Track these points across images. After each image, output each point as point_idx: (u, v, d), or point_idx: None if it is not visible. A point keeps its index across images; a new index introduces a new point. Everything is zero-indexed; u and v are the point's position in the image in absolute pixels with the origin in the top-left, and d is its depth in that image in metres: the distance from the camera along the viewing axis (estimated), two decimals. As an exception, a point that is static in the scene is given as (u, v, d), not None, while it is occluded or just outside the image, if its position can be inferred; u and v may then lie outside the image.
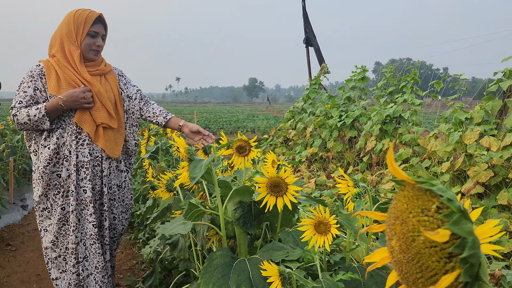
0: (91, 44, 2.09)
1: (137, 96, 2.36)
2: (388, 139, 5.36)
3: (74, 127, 2.06)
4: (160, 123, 2.36)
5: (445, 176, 4.11)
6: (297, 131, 7.74)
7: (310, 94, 7.94)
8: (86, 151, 2.06)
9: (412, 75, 5.54)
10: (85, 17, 2.08)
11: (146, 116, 2.36)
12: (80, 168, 2.07)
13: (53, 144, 2.03)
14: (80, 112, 2.05)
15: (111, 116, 2.14)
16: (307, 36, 9.47)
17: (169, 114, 2.38)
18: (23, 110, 1.99)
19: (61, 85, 2.04)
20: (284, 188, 1.52)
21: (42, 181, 2.04)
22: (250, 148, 1.77)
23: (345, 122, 6.16)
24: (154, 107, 2.39)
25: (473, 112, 4.23)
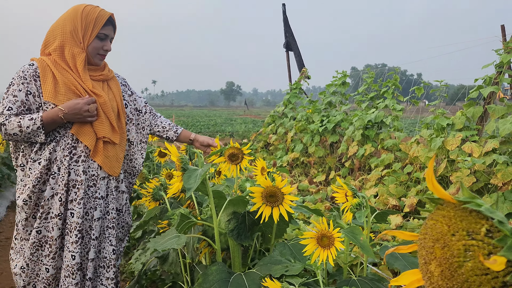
0: (99, 47, 1.86)
1: (147, 110, 2.16)
2: (370, 144, 5.37)
3: (69, 140, 1.80)
4: (170, 138, 2.19)
5: (428, 182, 4.12)
6: (278, 135, 7.71)
7: (290, 98, 7.93)
8: (80, 169, 1.80)
9: (393, 80, 5.58)
10: (95, 16, 1.83)
11: (155, 131, 2.18)
12: (71, 188, 1.80)
13: (44, 160, 1.77)
14: (79, 123, 1.80)
15: (114, 129, 1.90)
16: (287, 41, 9.46)
17: (179, 128, 2.22)
18: (14, 118, 1.71)
19: (59, 91, 1.77)
20: (280, 198, 1.46)
21: (30, 202, 1.77)
22: (242, 156, 1.71)
23: (327, 127, 6.16)
24: (162, 120, 2.21)
25: (455, 118, 4.27)
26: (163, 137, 2.18)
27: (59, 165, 1.78)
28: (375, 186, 4.79)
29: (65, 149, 1.79)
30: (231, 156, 1.71)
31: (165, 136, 2.18)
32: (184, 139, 2.18)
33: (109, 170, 1.88)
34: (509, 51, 4.16)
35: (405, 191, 4.45)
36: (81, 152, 1.81)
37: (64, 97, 1.76)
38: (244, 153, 1.71)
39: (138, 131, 2.10)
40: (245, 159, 1.72)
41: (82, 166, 1.80)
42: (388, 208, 4.24)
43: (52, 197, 1.79)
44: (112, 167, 1.89)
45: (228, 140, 11.65)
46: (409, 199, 4.04)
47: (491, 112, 4.02)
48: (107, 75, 1.96)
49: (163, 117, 2.25)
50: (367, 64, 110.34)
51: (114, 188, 1.93)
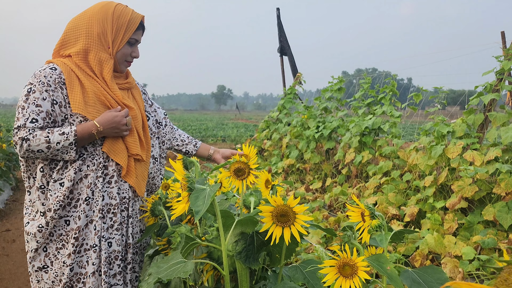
0: (127, 54, 1.68)
1: (167, 122, 1.98)
2: (367, 151, 5.29)
3: (100, 159, 1.61)
4: (189, 153, 2.02)
5: (428, 191, 4.05)
6: (273, 141, 7.61)
7: (285, 104, 7.84)
8: (114, 191, 1.64)
9: (390, 86, 5.52)
10: (128, 18, 1.63)
11: (173, 145, 2.00)
12: (106, 214, 1.63)
13: (68, 180, 1.56)
14: (112, 139, 1.62)
15: (142, 144, 1.73)
16: (281, 45, 9.39)
17: (198, 141, 2.06)
18: (40, 133, 1.48)
19: (88, 101, 1.57)
20: (292, 217, 1.35)
21: (44, 230, 1.56)
22: (249, 171, 1.60)
23: (323, 133, 6.08)
24: (180, 133, 2.05)
25: (455, 126, 4.20)
26: (181, 151, 2.02)
27: (93, 188, 1.59)
28: (374, 194, 4.71)
29: (97, 170, 1.60)
30: (236, 171, 1.60)
31: (184, 150, 2.02)
32: (203, 153, 2.02)
33: (139, 190, 1.72)
34: (509, 57, 4.11)
35: (404, 199, 4.37)
36: (113, 172, 1.64)
37: (93, 109, 1.57)
38: (251, 168, 1.61)
39: (160, 145, 1.93)
40: (252, 174, 1.61)
41: (117, 188, 1.64)
42: (388, 217, 4.16)
43: (87, 225, 1.59)
44: (140, 186, 1.73)
45: (221, 145, 11.57)
46: (410, 208, 3.96)
47: (492, 120, 3.96)
48: (131, 83, 1.78)
49: (180, 129, 2.09)
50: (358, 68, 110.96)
51: (138, 209, 1.80)
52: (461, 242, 3.29)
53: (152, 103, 1.95)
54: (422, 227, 3.81)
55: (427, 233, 3.63)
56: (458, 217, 3.63)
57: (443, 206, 3.86)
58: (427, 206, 4.02)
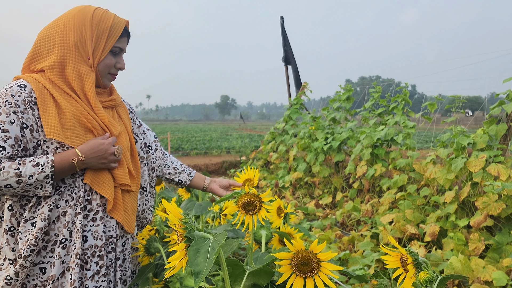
0: (111, 65, 1.44)
1: (157, 146, 1.72)
2: (380, 164, 5.02)
3: (80, 192, 1.35)
4: (183, 183, 1.77)
5: (450, 207, 3.76)
6: (279, 154, 7.35)
7: (291, 114, 7.59)
8: (100, 230, 1.37)
9: (402, 95, 5.25)
10: (110, 23, 1.39)
11: (164, 173, 1.75)
12: (90, 258, 1.35)
13: (42, 220, 1.28)
14: (94, 170, 1.38)
15: (131, 173, 1.49)
16: (285, 54, 9.18)
17: (192, 170, 1.83)
18: (8, 164, 1.23)
19: (66, 124, 1.31)
20: (316, 266, 1.09)
21: (14, 282, 1.29)
22: (260, 205, 1.34)
23: (332, 145, 5.81)
24: (172, 160, 1.80)
25: (476, 137, 3.93)
26: (173, 181, 1.77)
27: (70, 227, 1.32)
28: (389, 210, 4.42)
29: (77, 205, 1.34)
30: (246, 205, 1.34)
31: (176, 180, 1.77)
32: (198, 184, 1.79)
33: (128, 226, 1.46)
34: (532, 63, 3.84)
35: (423, 216, 4.08)
36: (98, 206, 1.38)
37: (72, 133, 1.32)
38: (262, 201, 1.35)
39: (149, 172, 1.67)
40: (264, 208, 1.35)
41: (102, 226, 1.38)
42: (406, 236, 3.87)
43: (63, 274, 1.31)
44: (129, 221, 1.48)
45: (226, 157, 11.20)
46: (431, 227, 3.67)
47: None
48: (117, 100, 1.53)
49: (172, 156, 1.84)
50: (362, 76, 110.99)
51: (130, 248, 1.53)
52: (490, 265, 3.00)
53: (140, 124, 1.70)
54: (444, 247, 3.52)
55: (450, 255, 3.34)
56: (485, 237, 3.34)
57: (466, 225, 3.57)
58: (448, 224, 3.73)
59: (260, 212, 1.32)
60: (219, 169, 9.81)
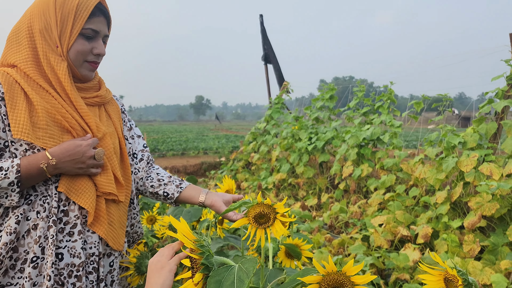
0: (86, 51, 1.23)
1: (144, 156, 1.48)
2: (366, 164, 4.92)
3: (54, 201, 1.16)
4: (169, 196, 1.45)
5: (442, 208, 3.68)
6: (261, 154, 7.19)
7: (273, 114, 7.45)
8: (78, 246, 1.18)
9: (387, 94, 5.18)
10: (76, 3, 1.19)
11: (147, 186, 1.47)
12: (66, 279, 1.15)
13: (8, 233, 1.11)
14: (71, 176, 1.18)
15: (118, 180, 1.29)
16: (265, 53, 9.04)
17: (184, 182, 1.50)
18: None
19: (38, 123, 1.14)
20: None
21: None
22: (275, 217, 1.17)
23: (317, 145, 5.69)
24: (159, 171, 1.52)
25: (466, 136, 3.87)
26: (158, 194, 1.46)
27: (43, 243, 1.13)
28: (378, 211, 4.32)
29: (49, 217, 1.14)
30: (258, 216, 1.17)
31: (161, 193, 1.45)
32: (191, 196, 1.43)
33: (114, 243, 1.26)
34: (521, 61, 3.80)
35: (413, 217, 4.00)
36: (76, 218, 1.18)
37: (44, 133, 1.15)
38: (277, 212, 1.18)
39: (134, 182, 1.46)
40: (279, 220, 1.18)
41: (82, 241, 1.18)
42: (397, 239, 3.77)
43: None
44: (116, 237, 1.27)
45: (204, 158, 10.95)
46: (423, 229, 3.58)
47: (507, 129, 3.63)
48: (105, 97, 1.33)
49: (161, 168, 1.58)
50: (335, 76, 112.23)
51: (118, 265, 1.32)
52: (488, 268, 2.92)
53: (131, 127, 1.48)
54: (438, 249, 3.43)
55: (445, 257, 3.25)
56: (480, 238, 3.26)
57: (460, 225, 3.50)
58: (440, 225, 3.65)
59: (274, 225, 1.15)
60: (198, 171, 9.59)
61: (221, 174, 8.01)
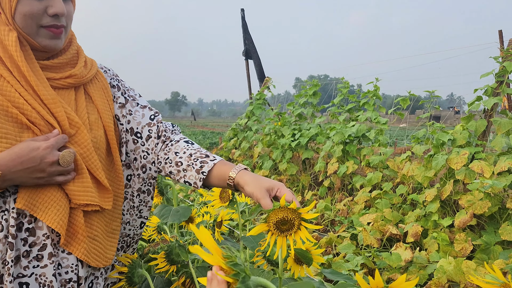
0: (36, 13, 0.94)
1: (152, 132, 1.17)
2: (351, 161, 4.83)
3: (12, 218, 0.91)
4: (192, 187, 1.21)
5: (431, 206, 3.61)
6: (242, 151, 7.04)
7: (254, 110, 7.30)
8: (49, 272, 0.94)
9: (373, 91, 5.10)
10: None
11: (166, 172, 1.16)
12: None
13: None
14: (32, 186, 0.93)
15: (102, 185, 1.04)
16: (246, 48, 8.87)
17: (207, 161, 1.10)
18: None
19: None
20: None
21: None
22: (300, 223, 1.01)
23: (300, 141, 5.57)
24: (181, 148, 1.15)
25: (455, 133, 3.81)
26: (180, 183, 1.14)
27: (1, 270, 0.91)
28: (365, 209, 4.24)
29: (7, 237, 0.91)
30: (280, 223, 1.01)
31: (182, 182, 1.12)
32: (220, 178, 1.07)
33: (99, 260, 1.03)
34: (510, 58, 3.77)
35: (401, 216, 3.92)
36: (46, 238, 0.94)
37: None
38: (302, 218, 1.02)
39: (133, 171, 1.17)
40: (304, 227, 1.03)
41: (53, 266, 0.94)
42: (387, 237, 3.69)
43: None
44: (102, 252, 1.04)
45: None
46: (413, 227, 3.51)
47: (497, 126, 3.59)
48: (82, 75, 1.05)
49: (182, 141, 1.17)
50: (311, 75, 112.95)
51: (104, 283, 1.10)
52: (482, 268, 2.86)
53: (126, 100, 1.18)
54: (428, 248, 3.37)
55: (437, 256, 3.18)
56: (472, 237, 3.21)
57: (450, 224, 3.44)
58: (430, 224, 3.58)
59: (298, 233, 1.00)
60: (176, 167, 9.33)
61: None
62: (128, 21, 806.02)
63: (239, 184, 1.03)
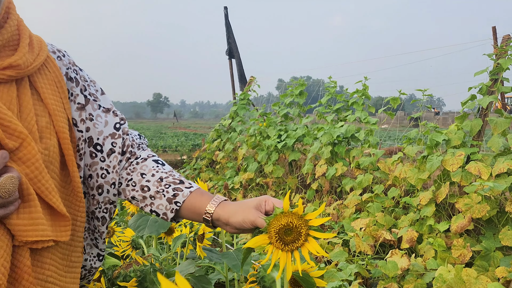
0: None
1: (118, 144, 0.94)
2: (340, 162, 4.65)
3: None
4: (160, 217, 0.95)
5: (426, 210, 3.44)
6: (226, 152, 6.80)
7: (238, 110, 7.07)
8: None
9: (362, 90, 4.93)
10: None
11: (127, 196, 0.95)
12: None
13: None
14: None
15: (56, 212, 0.79)
16: (230, 47, 8.64)
17: (182, 189, 0.93)
18: None
19: None
20: None
21: None
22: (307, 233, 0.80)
23: (287, 142, 5.37)
24: (144, 169, 0.96)
25: (450, 133, 3.66)
26: (144, 210, 0.95)
27: None
28: (356, 213, 4.05)
29: None
30: (283, 232, 0.80)
31: (148, 211, 0.94)
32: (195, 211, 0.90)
33: None
34: (505, 55, 3.64)
35: (394, 220, 3.75)
36: None
37: None
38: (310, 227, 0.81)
39: (87, 191, 0.94)
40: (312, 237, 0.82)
41: None
42: (380, 243, 3.50)
43: None
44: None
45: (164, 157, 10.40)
46: (408, 233, 3.33)
47: (493, 126, 3.45)
48: (26, 65, 0.77)
49: (151, 159, 0.99)
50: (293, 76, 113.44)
51: None
52: (483, 276, 2.68)
53: (87, 101, 0.93)
54: (424, 254, 3.19)
55: (434, 263, 3.01)
56: (470, 243, 3.04)
57: (447, 229, 3.27)
58: (425, 228, 3.41)
59: (306, 245, 0.79)
60: (158, 170, 9.03)
61: (184, 173, 7.55)
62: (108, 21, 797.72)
63: (220, 219, 0.87)
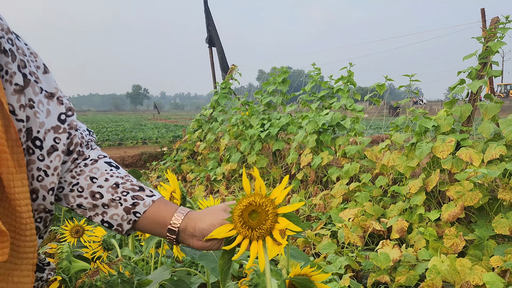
0: None
1: (62, 140, 0.75)
2: (326, 151, 4.51)
3: None
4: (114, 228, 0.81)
5: (416, 198, 3.33)
6: (207, 143, 6.60)
7: (219, 99, 6.86)
8: None
9: (347, 77, 4.79)
10: None
11: (70, 203, 0.79)
12: None
13: None
14: None
15: None
16: (209, 35, 8.40)
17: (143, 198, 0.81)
18: None
19: None
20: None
21: None
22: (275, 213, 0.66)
23: (270, 132, 5.20)
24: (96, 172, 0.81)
25: (439, 119, 3.55)
26: (93, 221, 0.84)
27: None
28: (343, 204, 3.93)
29: None
30: (248, 215, 0.67)
31: (98, 221, 0.81)
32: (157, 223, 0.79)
33: None
34: (495, 38, 3.53)
35: (382, 209, 3.64)
36: None
37: None
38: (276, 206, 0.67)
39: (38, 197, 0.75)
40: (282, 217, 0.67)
41: None
42: (369, 233, 3.39)
43: None
44: None
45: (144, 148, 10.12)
46: (398, 222, 3.21)
47: (483, 111, 3.35)
48: None
49: (103, 161, 0.85)
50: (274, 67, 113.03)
51: None
52: (478, 266, 2.58)
53: (27, 80, 0.72)
54: (415, 244, 3.08)
55: (426, 254, 2.90)
56: (463, 231, 2.94)
57: (438, 218, 3.16)
58: (415, 218, 3.31)
59: (276, 226, 0.65)
60: (137, 162, 8.80)
61: (164, 165, 7.33)
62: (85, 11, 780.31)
63: (187, 227, 0.77)
